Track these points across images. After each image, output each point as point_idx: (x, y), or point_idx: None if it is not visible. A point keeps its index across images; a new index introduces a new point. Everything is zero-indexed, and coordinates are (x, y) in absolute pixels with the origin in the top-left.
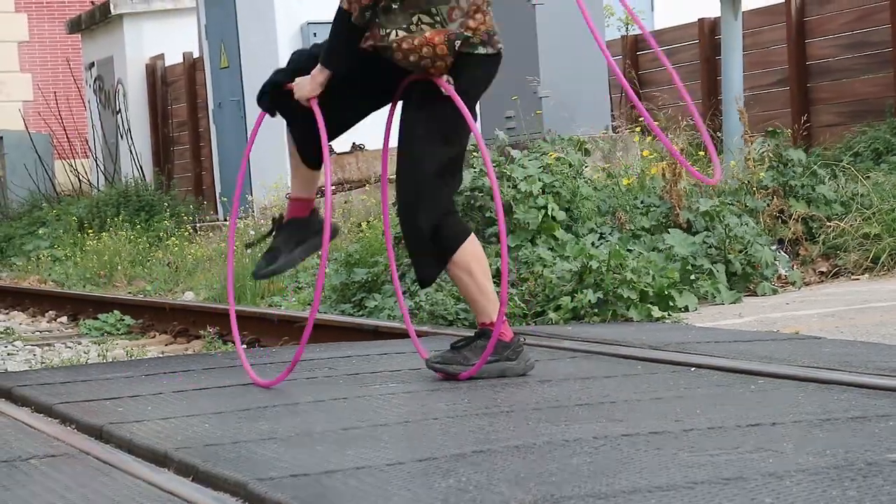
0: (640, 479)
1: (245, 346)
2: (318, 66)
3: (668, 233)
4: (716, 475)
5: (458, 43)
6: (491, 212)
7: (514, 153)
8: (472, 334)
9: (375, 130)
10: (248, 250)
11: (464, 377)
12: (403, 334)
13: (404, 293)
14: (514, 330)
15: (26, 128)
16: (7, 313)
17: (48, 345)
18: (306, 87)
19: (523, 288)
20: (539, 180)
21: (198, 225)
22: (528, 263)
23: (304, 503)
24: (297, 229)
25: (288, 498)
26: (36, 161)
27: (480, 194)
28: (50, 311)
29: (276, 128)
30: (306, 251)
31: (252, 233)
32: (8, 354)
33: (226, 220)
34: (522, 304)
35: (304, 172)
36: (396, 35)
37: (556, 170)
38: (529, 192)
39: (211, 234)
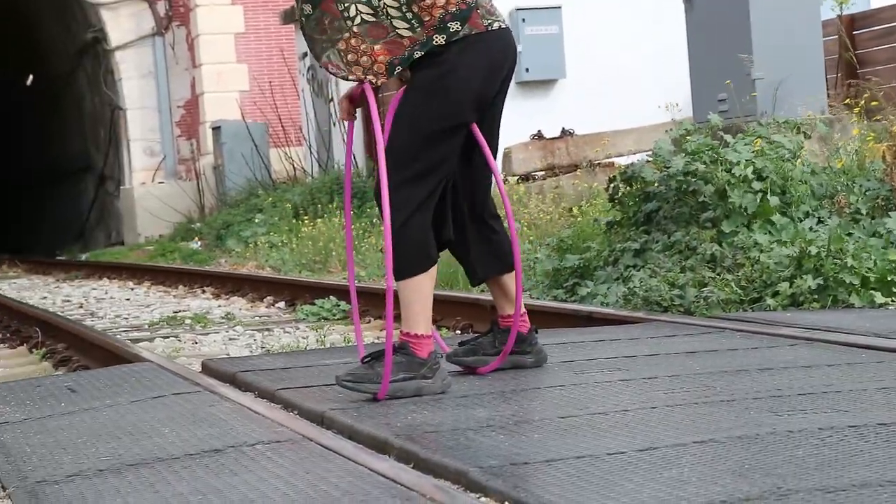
0: (870, 473)
1: (458, 331)
2: None
3: (889, 216)
4: None
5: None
6: (705, 196)
7: (728, 137)
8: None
9: (583, 116)
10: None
11: (380, 397)
12: (618, 321)
13: (617, 279)
14: (712, 315)
15: (243, 117)
16: (227, 299)
17: (268, 330)
18: None
19: (739, 274)
20: (751, 163)
21: None
22: (745, 249)
23: (524, 492)
24: (495, 340)
25: (509, 487)
26: (252, 149)
27: (694, 179)
28: (268, 297)
29: None
30: (502, 362)
31: None
32: (230, 339)
33: None
34: (739, 290)
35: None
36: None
37: (768, 153)
38: (744, 177)
39: None
